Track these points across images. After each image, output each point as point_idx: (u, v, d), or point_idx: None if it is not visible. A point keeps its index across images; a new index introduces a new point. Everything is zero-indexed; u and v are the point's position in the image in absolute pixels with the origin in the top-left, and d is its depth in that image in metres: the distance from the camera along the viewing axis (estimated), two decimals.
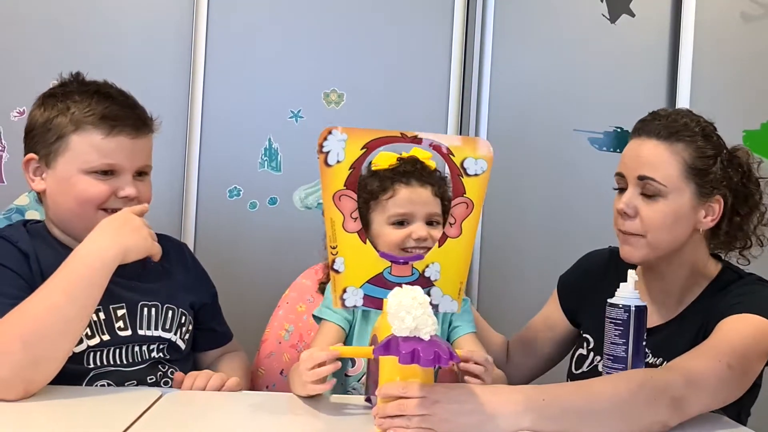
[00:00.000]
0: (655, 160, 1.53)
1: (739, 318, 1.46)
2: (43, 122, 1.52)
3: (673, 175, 1.52)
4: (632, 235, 1.55)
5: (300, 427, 1.34)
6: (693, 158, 1.53)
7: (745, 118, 2.43)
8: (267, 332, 1.88)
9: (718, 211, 1.55)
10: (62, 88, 1.55)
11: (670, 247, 1.55)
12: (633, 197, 1.55)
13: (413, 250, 1.53)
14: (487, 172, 1.33)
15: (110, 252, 1.42)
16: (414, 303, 1.20)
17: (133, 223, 1.47)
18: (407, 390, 1.23)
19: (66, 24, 2.38)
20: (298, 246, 2.39)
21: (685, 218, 1.54)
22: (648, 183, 1.53)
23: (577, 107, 2.50)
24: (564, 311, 1.78)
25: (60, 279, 1.39)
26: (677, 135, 1.54)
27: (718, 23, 2.49)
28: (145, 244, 1.47)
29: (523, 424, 1.24)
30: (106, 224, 1.46)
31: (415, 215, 1.55)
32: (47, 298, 1.37)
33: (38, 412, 1.29)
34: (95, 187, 1.50)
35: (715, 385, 1.37)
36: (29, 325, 1.34)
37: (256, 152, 2.43)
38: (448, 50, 2.44)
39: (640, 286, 1.55)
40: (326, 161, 1.30)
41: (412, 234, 1.54)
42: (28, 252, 1.48)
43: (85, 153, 1.49)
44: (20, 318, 1.35)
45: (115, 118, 1.50)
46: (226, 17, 2.41)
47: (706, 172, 1.53)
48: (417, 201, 1.55)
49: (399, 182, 1.56)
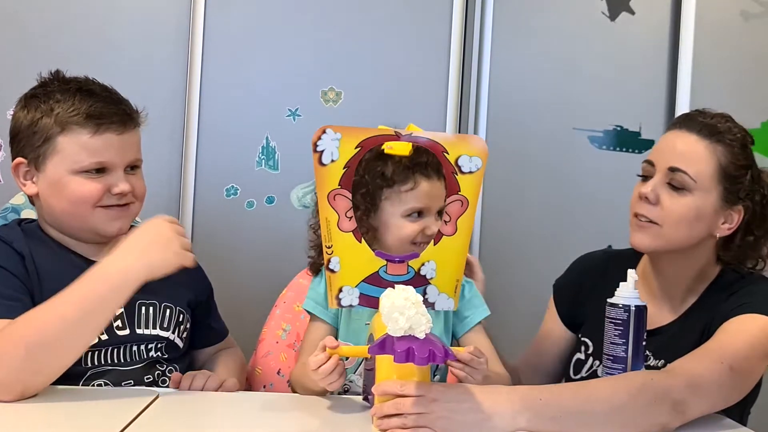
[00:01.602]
0: (692, 154, 1.52)
1: (742, 319, 1.45)
2: (28, 125, 1.50)
3: (705, 173, 1.51)
4: (648, 222, 1.54)
5: (298, 426, 1.34)
6: (728, 163, 1.52)
7: (746, 117, 2.41)
8: (264, 332, 1.88)
9: (737, 221, 1.54)
10: (43, 88, 1.53)
11: (682, 244, 1.54)
12: (659, 185, 1.53)
13: (421, 245, 1.48)
14: (482, 169, 1.32)
15: (134, 270, 1.37)
16: (407, 303, 1.20)
17: (164, 236, 1.41)
18: (405, 389, 1.23)
19: (62, 21, 2.38)
20: (296, 245, 2.34)
21: (706, 219, 1.53)
22: (678, 174, 1.52)
23: (576, 106, 2.49)
24: (561, 317, 1.75)
25: (75, 291, 1.36)
26: (719, 136, 1.53)
27: (719, 21, 2.48)
28: (175, 259, 1.41)
29: (520, 423, 1.24)
30: (136, 239, 1.42)
31: (431, 209, 1.51)
32: (58, 308, 1.34)
33: (35, 413, 1.29)
34: (87, 187, 1.48)
35: (716, 388, 1.36)
36: (35, 333, 1.32)
37: (254, 151, 2.42)
38: (446, 48, 2.43)
39: (641, 287, 1.54)
40: (320, 160, 1.29)
41: (425, 229, 1.49)
42: (24, 252, 1.47)
43: (73, 154, 1.48)
44: (28, 324, 1.33)
45: (101, 116, 1.49)
46: (224, 15, 2.40)
47: (737, 180, 1.53)
48: (435, 195, 1.50)
49: (420, 174, 1.50)
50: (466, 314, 1.56)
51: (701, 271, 1.58)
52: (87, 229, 1.52)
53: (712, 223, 1.54)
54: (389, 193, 1.50)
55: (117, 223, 1.52)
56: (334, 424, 1.34)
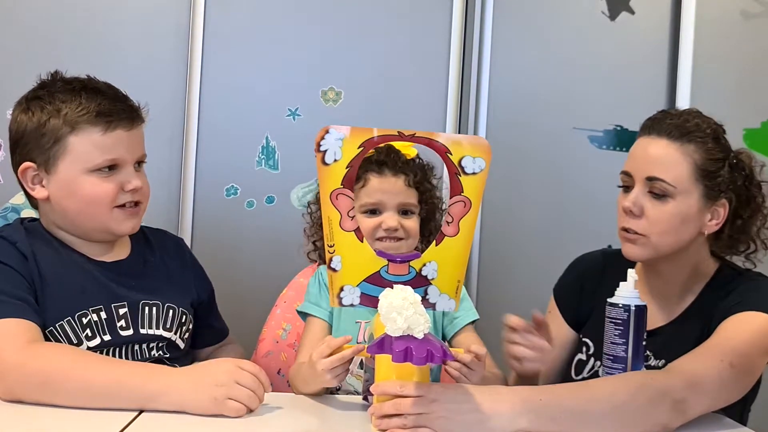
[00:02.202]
0: (666, 160, 1.51)
1: (741, 316, 1.45)
2: (35, 127, 1.48)
3: (682, 176, 1.51)
4: (636, 234, 1.54)
5: (298, 426, 1.33)
6: (703, 160, 1.51)
7: (746, 117, 2.42)
8: (264, 331, 1.88)
9: (723, 214, 1.54)
10: (45, 89, 1.51)
11: (673, 248, 1.54)
12: (640, 196, 1.53)
13: (385, 240, 1.55)
14: (486, 170, 1.32)
15: (168, 399, 1.30)
16: (405, 303, 1.20)
17: (215, 378, 1.31)
18: (404, 389, 1.23)
19: (62, 22, 2.38)
20: (296, 245, 2.36)
21: (692, 221, 1.53)
22: (657, 183, 1.51)
23: (576, 105, 2.49)
24: (567, 320, 1.73)
25: (115, 367, 1.35)
26: (689, 136, 1.52)
27: (719, 21, 2.48)
28: (209, 405, 1.30)
29: (520, 424, 1.24)
30: (198, 369, 1.37)
31: (386, 205, 1.57)
32: (90, 370, 1.32)
33: (32, 414, 1.29)
34: (102, 187, 1.48)
35: (717, 386, 1.36)
36: (56, 375, 1.31)
37: (254, 151, 2.42)
38: (446, 47, 2.43)
39: (639, 287, 1.53)
40: (323, 160, 1.30)
41: (381, 224, 1.56)
42: (27, 253, 1.46)
43: (86, 152, 1.47)
44: (60, 361, 1.32)
45: (110, 113, 1.49)
46: (224, 15, 2.40)
47: (715, 175, 1.52)
48: (388, 190, 1.57)
49: (371, 171, 1.57)
50: (456, 315, 1.57)
51: (697, 268, 1.58)
52: (101, 229, 1.52)
53: (699, 223, 1.53)
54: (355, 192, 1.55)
55: (131, 222, 1.53)
56: (333, 423, 1.34)
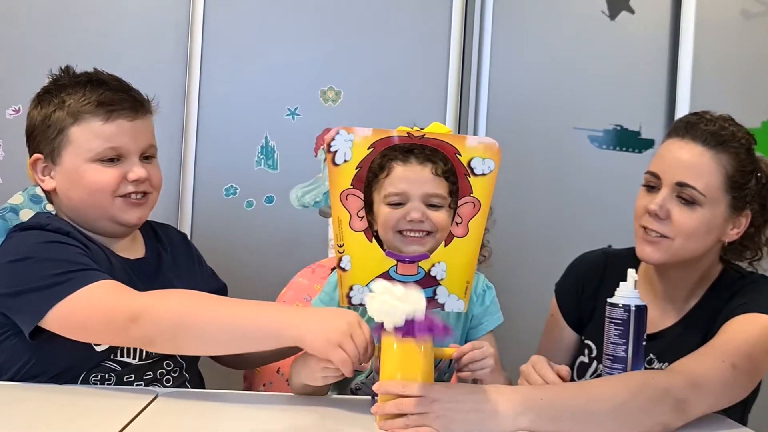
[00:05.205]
0: (699, 167, 1.49)
1: (744, 318, 1.45)
2: (42, 120, 1.51)
3: (714, 185, 1.49)
4: (659, 237, 1.51)
5: (298, 426, 1.33)
6: (735, 171, 1.49)
7: (746, 116, 2.41)
8: None
9: (745, 224, 1.54)
10: (55, 83, 1.55)
11: (693, 255, 1.53)
12: (667, 200, 1.50)
13: (409, 233, 1.42)
14: (495, 171, 1.33)
15: (290, 333, 1.32)
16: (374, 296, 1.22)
17: (337, 326, 1.30)
18: (406, 389, 1.23)
19: (62, 21, 2.37)
20: (295, 245, 2.38)
21: (716, 229, 1.52)
22: (687, 190, 1.49)
23: (576, 105, 2.49)
24: (569, 322, 1.72)
25: (240, 306, 1.39)
26: (724, 145, 1.49)
27: (719, 20, 2.49)
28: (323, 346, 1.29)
29: (522, 423, 1.23)
30: (320, 311, 1.42)
31: (411, 195, 1.43)
32: (218, 306, 1.39)
33: (33, 412, 1.29)
34: (104, 174, 1.49)
35: (718, 386, 1.36)
36: (186, 314, 1.36)
37: (253, 150, 2.41)
38: (446, 47, 2.43)
39: (643, 290, 1.52)
40: (334, 160, 1.31)
41: (406, 215, 1.42)
42: (83, 242, 1.48)
43: (87, 142, 1.49)
44: (188, 303, 1.38)
45: (111, 102, 1.50)
46: (223, 14, 2.40)
47: (744, 187, 1.51)
48: (413, 179, 1.42)
49: (396, 159, 1.44)
50: (483, 321, 1.55)
51: (705, 273, 1.58)
52: (106, 219, 1.52)
53: (721, 232, 1.53)
54: (375, 184, 1.46)
55: (136, 212, 1.53)
56: (335, 423, 1.33)
